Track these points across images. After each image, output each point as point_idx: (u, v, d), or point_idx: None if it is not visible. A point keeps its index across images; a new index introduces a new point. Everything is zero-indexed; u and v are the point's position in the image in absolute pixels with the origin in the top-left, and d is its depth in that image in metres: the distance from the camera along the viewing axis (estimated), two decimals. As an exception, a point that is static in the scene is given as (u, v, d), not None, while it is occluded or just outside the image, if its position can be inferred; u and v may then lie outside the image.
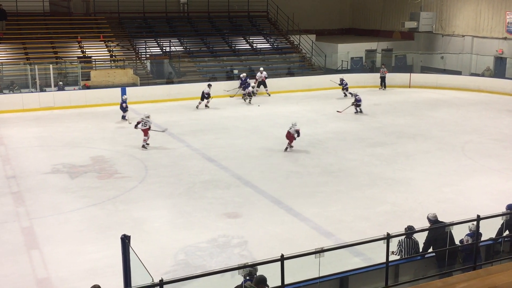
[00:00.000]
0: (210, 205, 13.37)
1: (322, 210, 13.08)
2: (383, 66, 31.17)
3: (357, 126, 21.78)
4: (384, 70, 30.70)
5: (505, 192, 13.88)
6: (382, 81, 30.54)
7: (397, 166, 16.48)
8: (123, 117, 22.78)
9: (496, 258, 9.16)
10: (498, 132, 20.53)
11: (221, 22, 35.41)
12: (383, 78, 30.46)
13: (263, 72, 28.43)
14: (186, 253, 10.82)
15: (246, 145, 18.96)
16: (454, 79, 30.62)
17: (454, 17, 33.98)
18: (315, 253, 6.88)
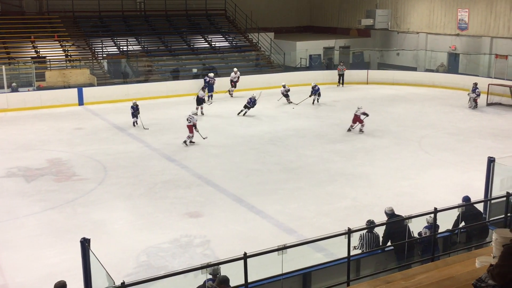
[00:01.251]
0: (172, 205, 13.25)
1: (284, 207, 13.15)
2: (342, 64, 31.46)
3: (316, 123, 21.99)
4: (343, 67, 30.97)
5: (460, 184, 14.26)
6: (340, 78, 30.86)
7: (357, 162, 16.71)
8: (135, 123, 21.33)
9: (453, 249, 9.40)
10: (453, 127, 21.08)
11: (179, 21, 35.16)
12: (342, 75, 30.77)
13: (237, 73, 28.09)
14: (148, 255, 10.70)
15: (205, 144, 18.88)
16: (409, 75, 31.28)
17: (409, 14, 34.70)
18: (277, 250, 6.90)
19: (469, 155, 17.17)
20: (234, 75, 28.10)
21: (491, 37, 29.99)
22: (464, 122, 21.88)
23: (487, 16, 30.13)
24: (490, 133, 20.11)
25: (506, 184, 10.44)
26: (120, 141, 19.17)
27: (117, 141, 19.15)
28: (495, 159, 10.79)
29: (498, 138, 19.39)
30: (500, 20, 29.55)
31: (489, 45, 30.06)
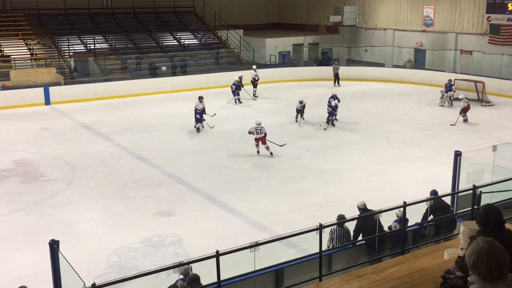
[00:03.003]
0: (142, 205, 13.13)
1: (256, 204, 13.17)
2: (336, 62, 30.45)
3: (287, 119, 22.05)
4: (337, 66, 29.95)
5: (428, 178, 14.51)
6: (335, 78, 29.76)
7: (327, 158, 16.84)
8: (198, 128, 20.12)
9: (422, 242, 9.56)
10: (420, 121, 21.41)
11: (147, 18, 34.82)
12: (337, 75, 29.71)
13: (256, 70, 27.23)
14: (119, 255, 10.58)
15: (176, 142, 18.76)
16: (378, 71, 31.65)
17: (376, 11, 35.09)
18: (249, 248, 6.90)
19: (436, 149, 17.47)
20: (255, 73, 26.98)
21: (456, 33, 30.56)
22: (431, 117, 22.25)
23: (452, 12, 30.69)
24: (457, 127, 20.49)
25: (472, 177, 10.66)
26: (89, 141, 18.89)
27: (86, 141, 18.86)
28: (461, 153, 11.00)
29: (464, 132, 19.78)
30: (464, 16, 30.13)
31: (454, 41, 30.63)
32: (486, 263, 2.85)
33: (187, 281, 7.06)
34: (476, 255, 2.90)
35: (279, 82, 30.57)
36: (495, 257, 2.87)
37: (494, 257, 2.86)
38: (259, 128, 17.01)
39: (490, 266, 2.84)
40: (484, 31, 29.10)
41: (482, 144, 16.91)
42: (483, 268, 2.86)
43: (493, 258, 2.86)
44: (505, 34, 27.94)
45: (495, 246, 2.92)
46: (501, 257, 2.88)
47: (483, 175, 10.88)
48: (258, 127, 17.04)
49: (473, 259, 2.91)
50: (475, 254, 2.91)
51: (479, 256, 2.89)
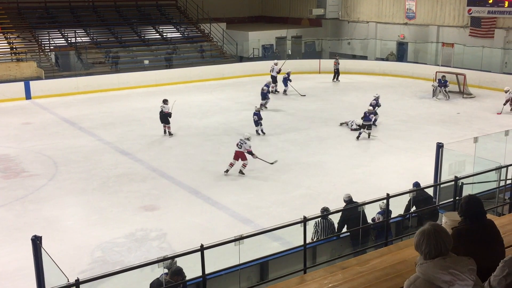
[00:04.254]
0: (126, 199, 13.07)
1: (240, 198, 13.18)
2: (337, 57, 29.97)
3: (270, 113, 22.05)
4: (338, 61, 29.39)
5: (411, 170, 14.62)
6: (336, 73, 29.26)
7: (311, 151, 16.89)
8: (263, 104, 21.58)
9: (405, 233, 9.65)
10: (403, 114, 21.56)
11: (129, 11, 34.52)
12: (337, 70, 29.17)
13: (278, 64, 26.83)
14: (103, 250, 10.52)
15: (159, 136, 18.66)
16: (360, 64, 31.81)
17: (358, 4, 35.17)
18: (234, 241, 6.91)
19: (419, 141, 17.61)
20: (276, 67, 26.54)
21: (437, 25, 30.78)
22: (414, 109, 22.42)
23: (433, 5, 30.89)
24: (439, 119, 20.68)
25: (454, 169, 10.78)
26: (71, 135, 18.72)
27: (68, 136, 18.69)
28: (443, 144, 11.11)
29: (446, 124, 19.96)
30: (446, 9, 30.35)
31: (436, 34, 30.85)
32: (426, 244, 3.16)
33: (170, 274, 7.05)
34: (419, 236, 3.22)
35: (263, 75, 30.49)
36: (435, 238, 3.15)
37: (434, 238, 3.15)
38: (241, 143, 14.80)
39: (429, 247, 3.14)
40: (465, 24, 29.35)
41: (463, 136, 17.10)
42: (424, 248, 3.17)
43: (432, 239, 3.15)
44: (485, 27, 28.22)
45: (437, 229, 3.21)
46: (441, 239, 3.15)
47: (465, 167, 11.01)
48: (241, 141, 14.86)
49: (416, 239, 3.25)
50: (418, 235, 3.24)
51: (421, 237, 3.20)
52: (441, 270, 3.06)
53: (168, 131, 18.73)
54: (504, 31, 27.60)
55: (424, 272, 3.11)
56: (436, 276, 3.06)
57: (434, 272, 3.07)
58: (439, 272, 3.05)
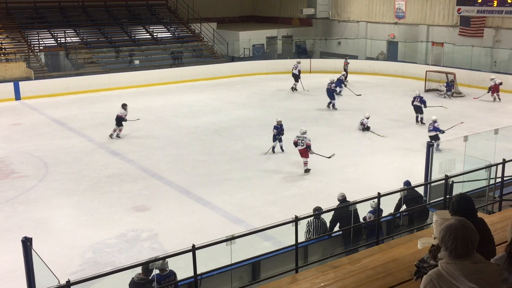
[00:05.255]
0: (117, 200, 13.01)
1: (231, 197, 13.17)
2: (347, 58, 29.73)
3: (261, 112, 22.07)
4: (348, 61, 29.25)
5: (402, 169, 14.68)
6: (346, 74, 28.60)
7: (302, 150, 16.88)
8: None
9: (396, 232, 9.69)
10: (393, 113, 21.64)
11: (119, 11, 34.38)
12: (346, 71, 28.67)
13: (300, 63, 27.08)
14: (94, 251, 10.47)
15: (150, 136, 18.61)
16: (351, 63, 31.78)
17: (349, 3, 35.26)
18: (226, 241, 6.91)
19: (409, 140, 17.68)
20: (297, 66, 26.73)
21: (427, 25, 30.92)
22: (404, 108, 22.47)
23: (423, 4, 31.03)
24: (429, 118, 20.74)
25: (444, 167, 10.83)
26: (61, 136, 18.61)
27: (58, 136, 18.58)
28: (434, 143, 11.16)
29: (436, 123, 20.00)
30: (435, 8, 30.50)
31: (425, 33, 31.00)
32: (453, 240, 3.01)
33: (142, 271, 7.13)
34: (445, 231, 3.06)
35: (253, 75, 30.58)
36: (463, 235, 3.01)
37: (462, 235, 3.01)
38: (301, 138, 14.76)
39: (456, 243, 3.00)
40: (455, 23, 29.51)
41: (453, 135, 17.16)
42: (450, 244, 3.01)
43: (460, 235, 3.01)
44: (475, 26, 28.38)
45: (465, 225, 3.06)
46: (469, 236, 3.01)
47: (455, 165, 11.06)
48: (300, 137, 14.80)
49: (442, 234, 3.08)
50: (444, 229, 3.08)
51: (447, 232, 3.05)
52: (469, 275, 2.92)
53: (117, 133, 18.44)
54: (493, 30, 27.79)
55: (450, 272, 2.97)
56: (463, 280, 2.93)
57: (462, 276, 2.93)
58: (468, 277, 2.92)
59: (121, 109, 18.61)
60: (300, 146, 14.75)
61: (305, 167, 14.81)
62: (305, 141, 14.67)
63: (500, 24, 27.56)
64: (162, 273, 7.38)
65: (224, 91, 26.83)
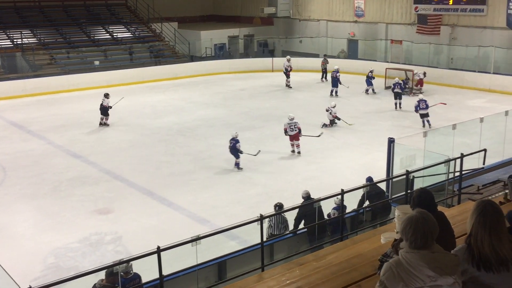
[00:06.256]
0: (79, 203, 12.79)
1: (196, 198, 13.11)
2: (325, 57, 29.60)
3: (224, 112, 22.05)
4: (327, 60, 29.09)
5: (364, 165, 14.89)
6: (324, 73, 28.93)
7: (266, 149, 16.94)
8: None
9: (360, 227, 9.83)
10: (355, 110, 21.92)
11: (77, 12, 33.73)
12: (325, 70, 28.84)
13: (290, 61, 27.24)
14: (56, 256, 10.27)
15: (112, 138, 18.36)
16: (312, 61, 32.04)
17: (309, 2, 35.53)
18: (191, 242, 6.87)
19: (371, 136, 17.95)
20: (288, 63, 27.02)
21: (386, 23, 31.44)
22: (365, 106, 22.84)
23: (381, 3, 31.53)
24: (389, 115, 21.15)
25: (405, 163, 11.04)
26: (19, 139, 18.16)
27: (16, 140, 18.13)
28: (394, 139, 11.36)
29: (397, 119, 20.43)
30: (393, 7, 31.03)
31: (384, 31, 31.51)
32: (413, 231, 3.10)
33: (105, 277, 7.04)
34: (406, 223, 3.15)
35: (216, 74, 30.50)
36: (423, 227, 3.10)
37: (422, 227, 3.10)
38: (293, 124, 16.03)
39: (416, 234, 3.09)
40: (412, 21, 30.09)
41: (413, 131, 17.52)
42: (410, 235, 3.11)
43: (420, 227, 3.10)
44: (431, 24, 29.02)
45: (426, 217, 3.16)
46: (428, 228, 3.11)
47: (415, 160, 11.29)
48: (291, 123, 16.03)
49: (403, 225, 3.17)
50: (405, 221, 3.17)
51: (408, 224, 3.14)
52: (427, 264, 3.03)
53: (104, 122, 19.80)
54: (449, 28, 28.46)
55: (409, 261, 3.06)
56: (421, 268, 3.03)
57: (420, 264, 3.03)
58: (425, 266, 3.02)
59: (105, 99, 19.77)
60: (293, 131, 16.08)
61: (297, 149, 16.14)
62: (297, 125, 16.14)
63: (456, 22, 28.26)
64: (126, 276, 7.29)
65: (186, 91, 26.68)
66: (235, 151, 14.90)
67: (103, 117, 19.80)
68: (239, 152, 14.86)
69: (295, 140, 16.23)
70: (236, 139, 14.95)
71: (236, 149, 14.83)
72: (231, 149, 14.91)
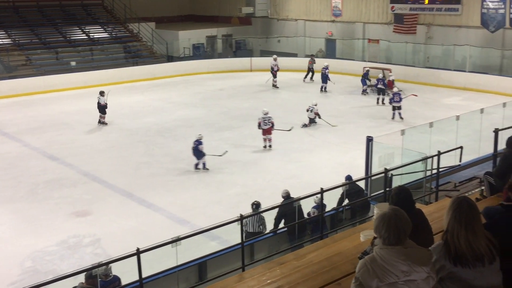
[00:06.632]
0: (57, 206, 12.64)
1: (175, 198, 13.05)
2: (312, 57, 29.59)
3: (204, 112, 21.98)
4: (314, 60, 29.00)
5: (344, 164, 14.97)
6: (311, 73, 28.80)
7: (245, 148, 16.96)
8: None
9: (339, 226, 9.89)
10: (334, 109, 22.03)
11: (53, 12, 33.27)
12: (312, 69, 28.73)
13: (276, 60, 27.20)
14: (33, 260, 10.13)
15: (90, 139, 18.18)
16: (291, 61, 32.14)
17: (287, 2, 35.61)
18: (171, 243, 6.84)
19: (350, 135, 18.06)
20: (275, 62, 27.01)
21: (363, 23, 31.66)
22: (344, 105, 22.98)
23: (358, 3, 31.75)
24: (367, 113, 21.31)
25: (383, 161, 11.14)
26: (-6, 142, 17.88)
27: (-9, 142, 17.85)
28: (373, 138, 11.46)
29: (375, 118, 20.59)
30: (370, 6, 31.28)
31: (362, 31, 31.74)
32: (386, 228, 3.14)
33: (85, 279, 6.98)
34: (379, 220, 3.20)
35: (195, 74, 30.40)
36: (396, 224, 3.14)
37: (395, 224, 3.14)
38: (267, 118, 16.71)
39: (389, 231, 3.14)
40: (389, 21, 30.37)
41: (391, 129, 17.68)
42: (383, 232, 3.15)
43: (393, 224, 3.14)
44: (408, 23, 29.32)
45: (399, 215, 3.20)
46: (401, 225, 3.16)
47: (393, 159, 11.40)
48: (265, 117, 16.71)
49: (376, 223, 3.22)
50: (378, 218, 3.22)
51: (381, 221, 3.18)
52: (401, 260, 3.07)
53: (102, 121, 19.82)
54: (425, 27, 28.78)
55: (382, 257, 3.11)
56: (394, 264, 3.07)
57: (393, 260, 3.08)
58: (399, 261, 3.07)
59: (100, 97, 19.81)
60: (266, 125, 16.65)
61: (268, 143, 16.75)
62: (271, 120, 16.73)
63: (432, 21, 28.59)
64: (106, 279, 7.23)
65: (165, 91, 26.54)
66: (198, 152, 15.01)
67: (102, 115, 19.93)
68: (202, 153, 14.96)
69: (267, 134, 16.75)
70: (200, 140, 15.05)
71: (199, 150, 14.96)
72: (194, 150, 15.04)
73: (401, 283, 3.07)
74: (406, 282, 3.08)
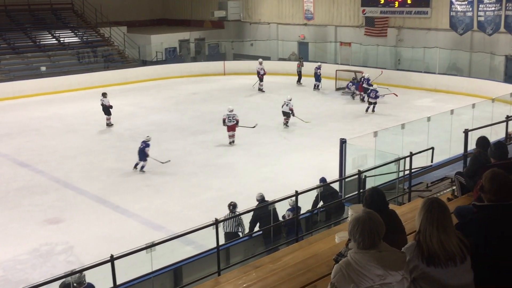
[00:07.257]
0: (28, 213, 12.41)
1: (150, 204, 12.94)
2: (301, 59, 29.66)
3: (177, 116, 21.87)
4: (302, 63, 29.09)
5: (317, 166, 15.05)
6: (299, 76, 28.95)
7: (219, 152, 16.93)
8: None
9: (314, 228, 9.94)
10: (307, 112, 22.12)
11: (21, 16, 32.71)
12: (300, 73, 28.89)
13: (262, 64, 27.08)
14: (4, 269, 9.93)
15: (61, 145, 17.90)
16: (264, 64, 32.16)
17: (259, 5, 35.72)
18: (146, 249, 6.78)
19: (323, 138, 18.17)
20: (260, 66, 26.87)
21: (335, 26, 31.94)
22: (317, 107, 23.12)
23: (330, 6, 32.02)
24: (340, 116, 21.48)
25: (357, 163, 11.24)
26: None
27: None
28: (346, 140, 11.55)
29: (347, 120, 20.77)
30: (342, 9, 31.57)
31: (334, 34, 32.00)
32: (361, 232, 3.14)
33: None
34: (353, 224, 3.21)
35: (167, 78, 30.24)
36: (369, 227, 3.15)
37: (369, 227, 3.15)
38: (232, 115, 17.35)
39: (363, 235, 3.14)
40: (360, 24, 30.69)
41: (364, 131, 17.84)
42: (358, 236, 3.15)
43: (367, 228, 3.15)
44: (379, 26, 29.69)
45: (372, 218, 3.21)
46: (375, 228, 3.16)
47: (367, 160, 11.51)
48: (230, 114, 17.34)
49: (350, 226, 3.22)
50: (352, 222, 3.22)
51: (355, 225, 3.18)
52: (375, 264, 3.08)
53: (107, 122, 20.08)
54: (396, 30, 29.18)
55: (357, 261, 3.11)
56: (369, 268, 3.08)
57: (368, 264, 3.08)
58: (373, 265, 3.08)
59: (103, 98, 20.09)
60: (231, 122, 17.33)
61: (232, 139, 17.41)
62: (236, 117, 17.41)
63: (402, 24, 29.01)
64: (80, 287, 7.12)
65: (137, 95, 26.33)
66: (142, 154, 15.16)
67: (108, 117, 20.05)
68: (146, 155, 15.12)
69: (231, 130, 17.43)
70: (148, 143, 15.28)
71: (144, 152, 15.12)
72: (140, 151, 15.18)
73: (377, 286, 3.09)
74: (381, 285, 3.09)
